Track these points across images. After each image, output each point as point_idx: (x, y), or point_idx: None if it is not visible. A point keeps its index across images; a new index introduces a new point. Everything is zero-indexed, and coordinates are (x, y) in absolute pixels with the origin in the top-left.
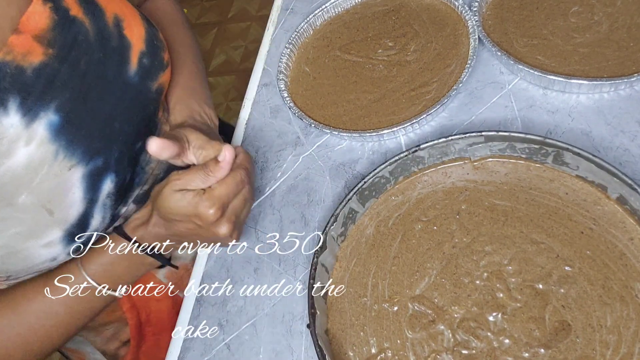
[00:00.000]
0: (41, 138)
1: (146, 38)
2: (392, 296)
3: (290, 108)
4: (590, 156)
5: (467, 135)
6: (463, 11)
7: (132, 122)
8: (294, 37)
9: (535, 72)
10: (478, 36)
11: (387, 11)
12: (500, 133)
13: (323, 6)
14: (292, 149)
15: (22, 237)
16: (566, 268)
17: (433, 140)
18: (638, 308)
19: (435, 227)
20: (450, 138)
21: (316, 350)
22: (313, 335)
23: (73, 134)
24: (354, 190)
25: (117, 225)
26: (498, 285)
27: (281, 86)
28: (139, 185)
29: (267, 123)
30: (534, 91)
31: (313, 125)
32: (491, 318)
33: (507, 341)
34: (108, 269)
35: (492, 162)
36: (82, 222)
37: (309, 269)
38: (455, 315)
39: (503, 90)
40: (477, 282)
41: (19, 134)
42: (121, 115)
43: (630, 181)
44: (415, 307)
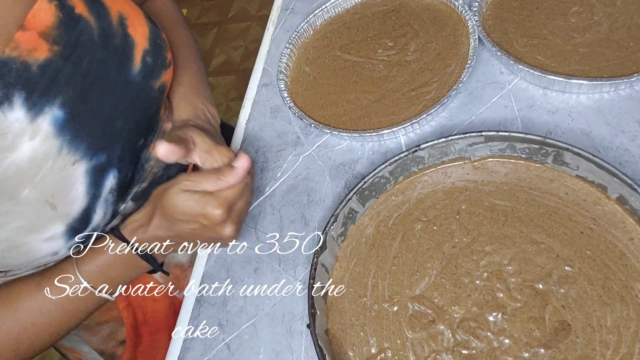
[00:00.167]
0: (45, 133)
1: (150, 37)
2: (392, 296)
3: (290, 108)
4: (590, 156)
5: (467, 135)
6: (463, 11)
7: (135, 120)
8: (294, 37)
9: (535, 72)
10: (478, 36)
11: (387, 11)
12: (500, 133)
13: (323, 6)
14: (292, 149)
15: (24, 231)
16: (566, 268)
17: (433, 140)
18: (638, 308)
19: (435, 227)
20: (450, 138)
21: (316, 350)
22: (313, 335)
23: (77, 130)
24: (354, 190)
25: (113, 227)
26: (498, 285)
27: (281, 86)
28: (138, 182)
29: (267, 123)
30: (534, 91)
31: (313, 125)
32: (491, 318)
33: (507, 341)
34: (102, 271)
35: (492, 162)
36: (85, 217)
37: (309, 269)
38: (455, 315)
39: (503, 90)
40: (477, 282)
41: (24, 129)
42: (123, 113)
43: (630, 181)
44: (415, 307)
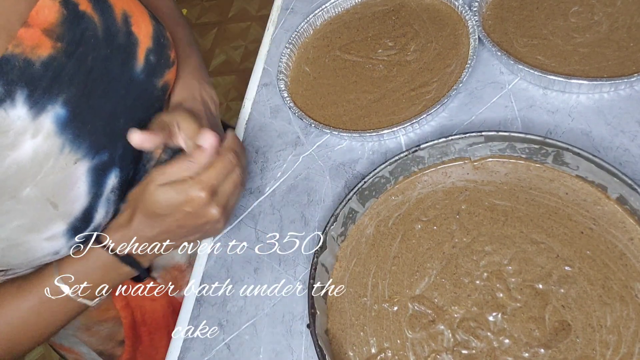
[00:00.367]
0: (48, 131)
1: (153, 35)
2: (392, 296)
3: (290, 108)
4: (590, 156)
5: (467, 135)
6: (463, 11)
7: (137, 119)
8: (294, 37)
9: (535, 72)
10: (478, 36)
11: (387, 11)
12: (500, 133)
13: (323, 6)
14: (292, 149)
15: (24, 230)
16: (566, 268)
17: (433, 140)
18: (638, 308)
19: (435, 227)
20: (450, 138)
21: (316, 350)
22: (313, 335)
23: (79, 128)
24: (354, 190)
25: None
26: (498, 285)
27: (281, 86)
28: (139, 182)
29: (267, 123)
30: (534, 91)
31: (313, 125)
32: (491, 318)
33: (507, 341)
34: (82, 276)
35: (492, 162)
36: (86, 216)
37: (309, 269)
38: (455, 315)
39: (503, 90)
40: (477, 282)
41: (26, 127)
42: (126, 112)
43: (630, 181)
44: (415, 307)
